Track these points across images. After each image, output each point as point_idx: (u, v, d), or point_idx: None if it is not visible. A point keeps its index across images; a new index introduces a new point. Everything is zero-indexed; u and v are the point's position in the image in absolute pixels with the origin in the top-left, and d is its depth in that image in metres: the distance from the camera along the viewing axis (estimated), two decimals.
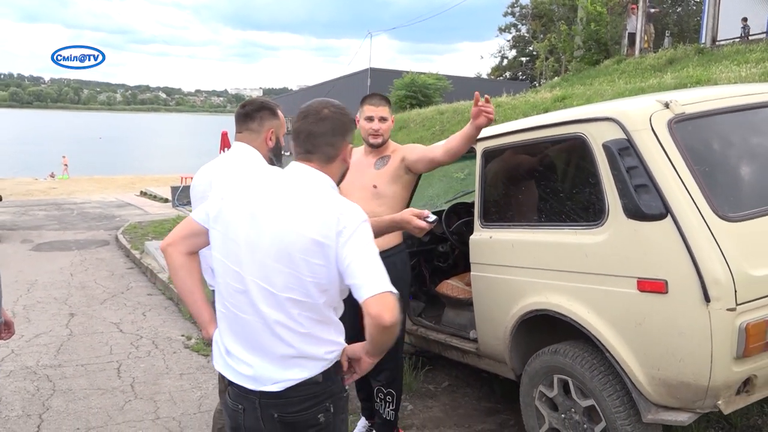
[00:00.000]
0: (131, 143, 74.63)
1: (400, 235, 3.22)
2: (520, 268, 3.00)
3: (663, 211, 2.39)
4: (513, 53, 42.07)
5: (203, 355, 5.00)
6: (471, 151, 3.37)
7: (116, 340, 5.52)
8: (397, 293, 1.70)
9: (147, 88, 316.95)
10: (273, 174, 1.87)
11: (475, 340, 3.45)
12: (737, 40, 14.03)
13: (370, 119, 3.16)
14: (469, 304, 3.48)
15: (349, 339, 1.90)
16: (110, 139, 78.13)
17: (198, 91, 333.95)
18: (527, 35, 38.49)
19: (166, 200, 17.07)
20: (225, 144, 12.29)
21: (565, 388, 2.87)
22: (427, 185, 8.96)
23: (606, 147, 2.59)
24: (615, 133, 2.57)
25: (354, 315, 1.91)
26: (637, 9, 17.04)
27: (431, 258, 4.40)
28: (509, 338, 3.09)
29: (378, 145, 3.19)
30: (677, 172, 2.42)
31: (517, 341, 3.10)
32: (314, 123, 1.84)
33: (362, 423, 3.58)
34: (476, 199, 3.36)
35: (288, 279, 1.73)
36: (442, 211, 4.34)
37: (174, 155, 48.20)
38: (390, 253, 3.16)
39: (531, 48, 36.56)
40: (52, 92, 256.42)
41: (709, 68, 10.73)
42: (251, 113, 2.69)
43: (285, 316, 1.75)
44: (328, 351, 1.81)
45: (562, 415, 2.90)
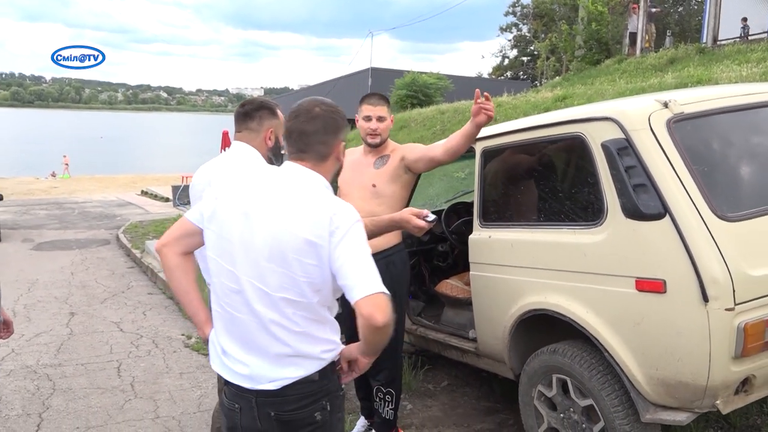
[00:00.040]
0: (132, 142, 74.66)
1: (400, 235, 3.22)
2: (519, 268, 3.00)
3: (661, 211, 2.38)
4: (514, 53, 42.02)
5: (203, 355, 5.00)
6: (471, 151, 3.37)
7: (116, 340, 5.53)
8: (389, 294, 1.70)
9: (148, 88, 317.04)
10: (266, 174, 1.87)
11: (474, 340, 3.45)
12: (737, 40, 14.02)
13: (368, 119, 3.16)
14: (469, 304, 3.48)
15: (349, 339, 1.90)
16: (111, 139, 78.20)
17: (199, 91, 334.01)
18: (528, 35, 38.44)
19: (167, 199, 17.08)
20: (226, 143, 12.28)
21: (564, 388, 2.87)
22: (428, 184, 8.95)
23: (605, 147, 2.58)
24: (614, 133, 2.57)
25: (352, 315, 1.91)
26: (639, 8, 17.03)
27: (431, 257, 4.39)
28: (508, 338, 3.09)
29: (376, 145, 3.19)
30: (676, 172, 2.41)
31: (516, 341, 3.10)
32: (306, 122, 1.84)
33: (361, 422, 3.58)
34: (475, 199, 3.36)
35: (282, 279, 1.73)
36: (442, 211, 4.33)
37: (175, 154, 48.23)
38: (389, 253, 3.16)
39: (532, 47, 36.51)
40: (54, 91, 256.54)
41: (710, 68, 10.72)
42: (250, 112, 2.69)
43: (280, 316, 1.75)
44: (324, 350, 1.81)
45: (561, 415, 2.90)
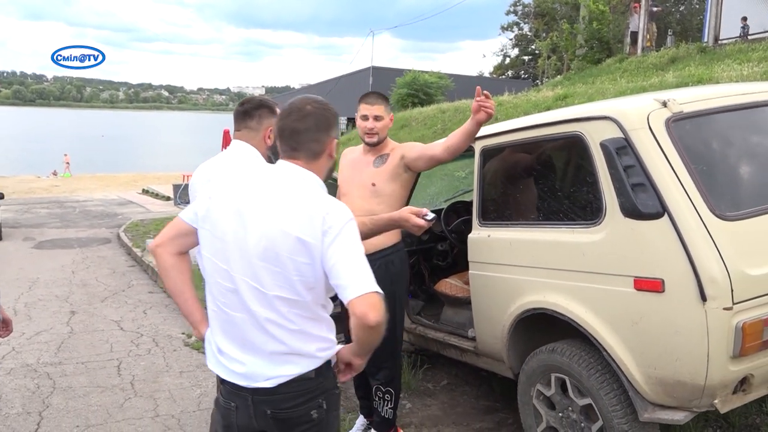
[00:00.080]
0: (133, 141, 74.68)
1: (399, 234, 3.22)
2: (518, 267, 3.00)
3: (660, 210, 2.38)
4: (515, 52, 41.95)
5: (203, 353, 4.99)
6: (470, 150, 3.37)
7: (117, 338, 5.54)
8: (383, 293, 1.70)
9: (149, 86, 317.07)
10: (260, 172, 1.87)
11: (474, 339, 3.45)
12: (738, 40, 13.99)
13: (365, 118, 3.16)
14: (468, 303, 3.48)
15: (348, 339, 1.90)
16: (113, 137, 78.21)
17: (200, 90, 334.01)
18: (530, 34, 38.39)
19: (168, 198, 17.10)
20: (227, 142, 12.25)
21: (563, 387, 2.87)
22: (428, 183, 8.96)
23: (603, 146, 2.58)
24: (613, 132, 2.57)
25: None
26: (640, 7, 16.98)
27: (430, 256, 4.40)
28: (507, 337, 3.09)
29: (373, 144, 3.19)
30: (674, 171, 2.41)
31: (515, 340, 3.10)
32: (297, 120, 1.83)
33: (360, 421, 3.58)
34: (474, 198, 3.36)
35: (276, 277, 1.73)
36: (441, 210, 4.33)
37: (176, 153, 48.24)
38: (388, 252, 3.17)
39: (533, 47, 36.47)
40: (55, 90, 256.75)
41: (712, 67, 10.70)
42: (250, 111, 2.69)
43: (275, 314, 1.75)
44: (320, 348, 1.81)
45: (560, 414, 2.90)
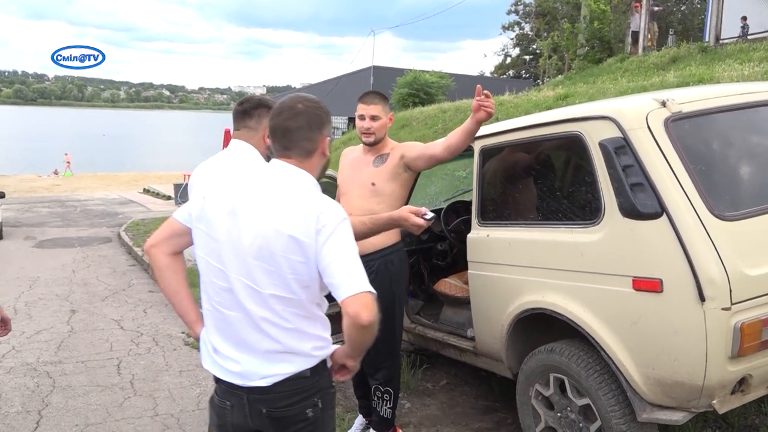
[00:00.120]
0: (135, 140, 74.72)
1: (398, 234, 3.22)
2: (517, 267, 3.00)
3: (658, 210, 2.38)
4: (516, 51, 41.96)
5: None
6: (470, 149, 3.37)
7: (117, 337, 5.54)
8: (375, 293, 1.70)
9: (150, 86, 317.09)
10: (253, 172, 1.87)
11: (473, 339, 3.44)
12: (738, 39, 13.97)
13: (362, 118, 3.16)
14: (467, 303, 3.47)
15: None
16: (114, 137, 78.26)
17: (201, 89, 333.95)
18: (531, 33, 38.38)
19: (169, 197, 17.12)
20: (228, 141, 12.28)
21: (561, 387, 2.87)
22: (429, 183, 8.95)
23: (602, 145, 2.58)
24: (611, 132, 2.57)
25: None
26: (641, 7, 16.98)
27: (430, 256, 4.40)
28: (506, 337, 3.09)
29: (371, 144, 3.19)
30: (673, 171, 2.41)
31: (514, 340, 3.10)
32: (289, 119, 1.83)
33: (359, 420, 3.58)
34: (474, 198, 3.36)
35: (270, 276, 1.74)
36: (441, 209, 4.33)
37: (177, 152, 48.25)
38: (388, 252, 3.17)
39: (534, 46, 36.48)
40: (56, 89, 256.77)
41: (712, 67, 10.70)
42: (249, 110, 2.69)
43: (270, 313, 1.76)
44: (315, 346, 1.81)
45: (558, 414, 2.90)
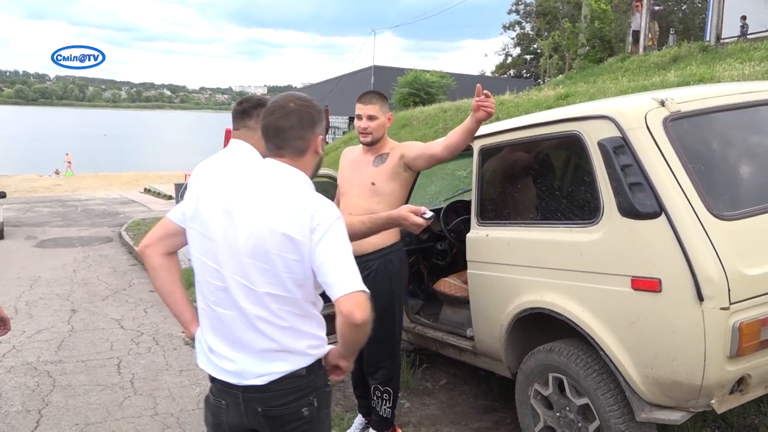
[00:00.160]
0: (136, 140, 74.74)
1: (398, 233, 3.22)
2: (516, 266, 3.00)
3: (657, 210, 2.38)
4: (517, 51, 41.98)
5: None
6: (469, 149, 3.37)
7: (117, 337, 5.55)
8: (369, 293, 1.71)
9: (152, 86, 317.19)
10: (248, 171, 1.87)
11: (472, 338, 3.44)
12: (737, 39, 13.95)
13: (359, 117, 3.17)
14: (467, 302, 3.47)
15: None
16: (115, 136, 78.31)
17: (202, 89, 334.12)
18: (532, 33, 38.38)
19: (170, 197, 17.11)
20: (229, 141, 12.28)
21: (560, 387, 2.87)
22: (429, 183, 8.95)
23: (601, 145, 2.58)
24: (610, 131, 2.57)
25: None
26: (642, 6, 16.98)
27: (429, 256, 4.40)
28: (505, 336, 3.09)
29: (368, 143, 3.19)
30: (672, 171, 2.41)
31: (513, 339, 3.10)
32: (281, 118, 1.83)
33: (359, 420, 3.58)
34: (473, 197, 3.36)
35: (265, 274, 1.74)
36: (441, 209, 4.33)
37: (178, 152, 48.26)
38: (387, 251, 3.17)
39: (535, 46, 36.47)
40: (57, 89, 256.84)
41: (713, 66, 10.69)
42: (248, 110, 2.69)
43: (266, 311, 1.76)
44: (311, 345, 1.82)
45: (557, 414, 2.90)
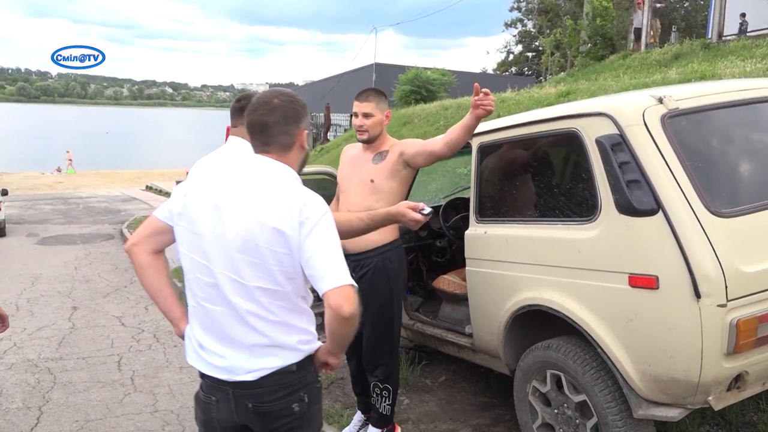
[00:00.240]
0: (138, 138, 74.81)
1: (397, 231, 3.22)
2: (514, 264, 3.00)
3: (654, 207, 2.38)
4: (519, 48, 41.93)
5: None
6: (468, 146, 3.36)
7: (118, 334, 5.57)
8: (357, 286, 1.72)
9: (153, 83, 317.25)
10: (235, 166, 1.87)
11: (470, 335, 3.45)
12: (736, 36, 13.92)
13: (356, 115, 3.17)
14: (466, 299, 3.47)
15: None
16: (117, 134, 78.41)
17: (204, 86, 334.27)
18: (533, 30, 38.33)
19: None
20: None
21: (558, 384, 2.87)
22: (430, 180, 8.95)
23: (599, 142, 2.58)
24: (608, 129, 2.56)
25: None
26: (644, 4, 16.94)
27: (429, 253, 4.40)
28: (503, 333, 3.09)
29: (364, 141, 3.19)
30: (669, 168, 2.40)
31: (511, 336, 3.10)
32: (266, 114, 1.84)
33: (358, 417, 3.59)
34: (471, 194, 3.36)
35: (256, 269, 1.75)
36: (440, 206, 4.34)
37: (180, 150, 48.29)
38: (386, 249, 3.17)
39: (537, 43, 36.42)
40: (59, 87, 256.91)
41: (715, 63, 10.67)
42: (246, 107, 2.69)
43: (256, 306, 1.76)
44: (301, 340, 1.82)
45: (555, 411, 2.90)
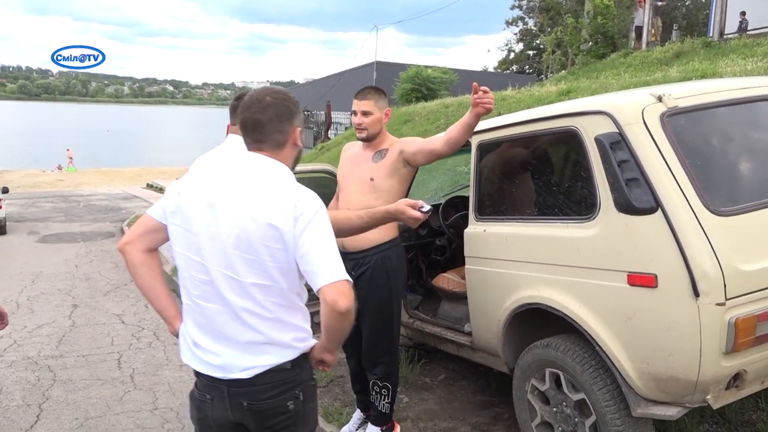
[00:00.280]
0: (138, 136, 74.79)
1: (396, 229, 3.22)
2: (513, 262, 3.00)
3: (653, 205, 2.37)
4: (520, 47, 41.91)
5: None
6: (468, 145, 3.36)
7: (118, 332, 5.58)
8: (352, 281, 1.73)
9: (154, 81, 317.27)
10: (229, 164, 1.88)
11: (470, 334, 3.45)
12: (737, 35, 13.88)
13: (354, 113, 3.17)
14: (465, 298, 3.48)
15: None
16: (118, 132, 78.37)
17: (205, 84, 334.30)
18: (534, 28, 38.30)
19: None
20: None
21: (557, 382, 2.87)
22: (430, 179, 8.93)
23: (598, 140, 2.57)
24: (607, 127, 2.56)
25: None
26: (645, 2, 16.91)
27: (428, 251, 4.40)
28: (502, 332, 3.09)
29: (364, 139, 3.19)
30: (668, 166, 2.40)
31: (510, 335, 3.10)
32: (258, 112, 1.84)
33: (357, 415, 3.59)
34: (471, 193, 3.37)
35: (250, 265, 1.75)
36: (440, 204, 4.34)
37: (181, 148, 48.27)
38: (385, 247, 3.17)
39: (538, 41, 36.38)
40: (60, 85, 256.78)
41: (716, 62, 10.64)
42: None
43: (251, 303, 1.77)
44: (296, 338, 1.82)
45: (554, 409, 2.90)
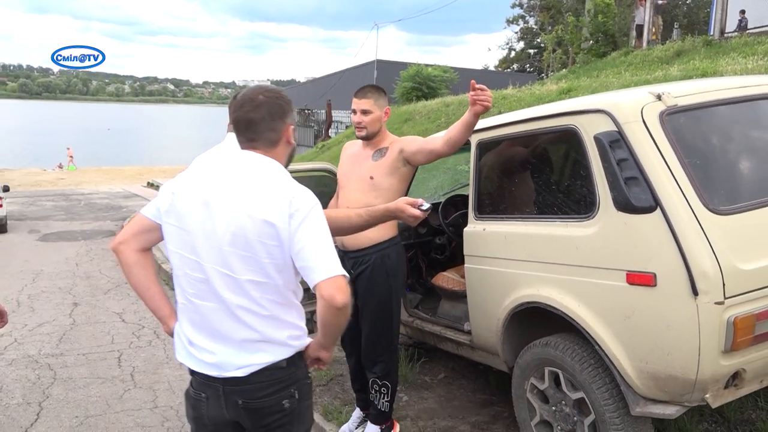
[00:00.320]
0: (139, 134, 74.89)
1: (395, 228, 3.22)
2: (513, 261, 3.00)
3: (652, 204, 2.37)
4: (521, 45, 41.89)
5: None
6: (467, 143, 3.36)
7: (118, 330, 5.58)
8: (348, 276, 1.73)
9: (155, 80, 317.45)
10: (223, 162, 1.88)
11: (469, 332, 3.45)
12: (737, 33, 13.86)
13: (354, 112, 3.17)
14: (465, 296, 3.48)
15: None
16: (118, 130, 78.46)
17: (206, 83, 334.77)
18: (535, 27, 38.29)
19: None
20: None
21: (556, 381, 2.87)
22: (431, 177, 8.94)
23: (597, 139, 2.57)
24: (606, 126, 2.56)
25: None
26: (645, 0, 16.89)
27: (428, 250, 4.40)
28: (501, 330, 3.09)
29: (363, 137, 3.19)
30: (668, 165, 2.40)
31: (510, 333, 3.10)
32: (251, 110, 1.84)
33: (357, 413, 3.59)
34: (470, 191, 3.37)
35: (247, 262, 1.75)
36: (440, 203, 4.34)
37: (181, 146, 48.31)
38: (385, 246, 3.17)
39: (539, 40, 36.36)
40: (61, 83, 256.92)
41: (717, 60, 10.64)
42: None
43: (247, 300, 1.77)
44: (291, 336, 1.82)
45: (553, 408, 2.90)
